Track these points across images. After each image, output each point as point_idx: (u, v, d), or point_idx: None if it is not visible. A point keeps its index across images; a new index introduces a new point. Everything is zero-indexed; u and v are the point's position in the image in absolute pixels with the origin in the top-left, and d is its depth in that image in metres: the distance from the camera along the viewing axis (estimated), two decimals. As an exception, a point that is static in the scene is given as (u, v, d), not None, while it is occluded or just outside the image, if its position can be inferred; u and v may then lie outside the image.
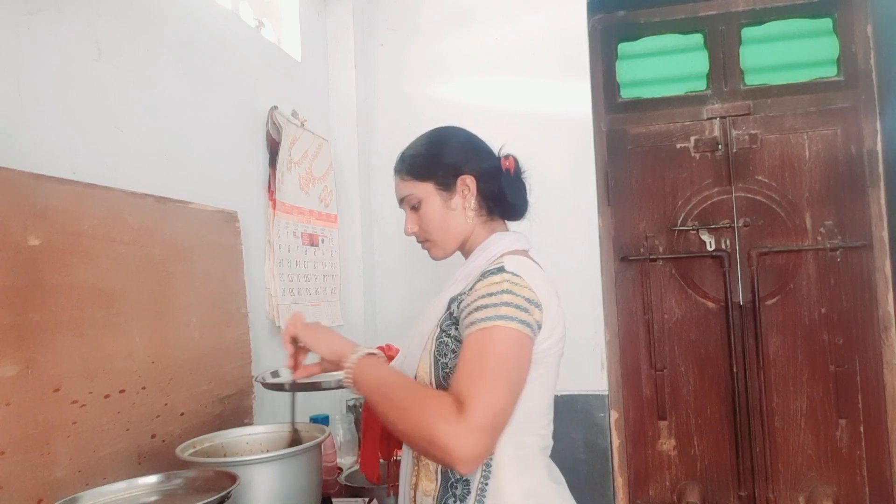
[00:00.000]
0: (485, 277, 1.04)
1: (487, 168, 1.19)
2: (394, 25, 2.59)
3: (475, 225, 1.19)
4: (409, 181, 1.20)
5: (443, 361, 1.06)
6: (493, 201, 1.20)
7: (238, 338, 1.66)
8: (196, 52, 1.64)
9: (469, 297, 1.04)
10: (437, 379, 1.06)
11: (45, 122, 1.18)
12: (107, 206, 1.25)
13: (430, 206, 1.18)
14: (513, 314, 0.98)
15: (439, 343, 1.08)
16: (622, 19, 2.59)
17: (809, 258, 2.39)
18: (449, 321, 1.08)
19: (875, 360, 2.33)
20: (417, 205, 1.19)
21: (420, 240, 1.23)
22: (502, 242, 1.15)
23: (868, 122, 2.37)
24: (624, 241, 2.54)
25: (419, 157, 1.20)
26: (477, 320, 0.98)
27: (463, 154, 1.20)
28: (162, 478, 1.09)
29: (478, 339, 0.97)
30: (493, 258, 1.11)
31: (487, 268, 1.07)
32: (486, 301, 1.00)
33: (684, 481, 2.46)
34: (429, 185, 1.18)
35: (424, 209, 1.18)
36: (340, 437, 2.04)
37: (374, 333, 2.52)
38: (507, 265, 1.05)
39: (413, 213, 1.21)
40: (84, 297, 1.17)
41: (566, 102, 2.40)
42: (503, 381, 0.95)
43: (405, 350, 1.17)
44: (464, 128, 1.26)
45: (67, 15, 1.24)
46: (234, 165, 1.78)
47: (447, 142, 1.22)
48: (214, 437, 1.37)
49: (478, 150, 1.22)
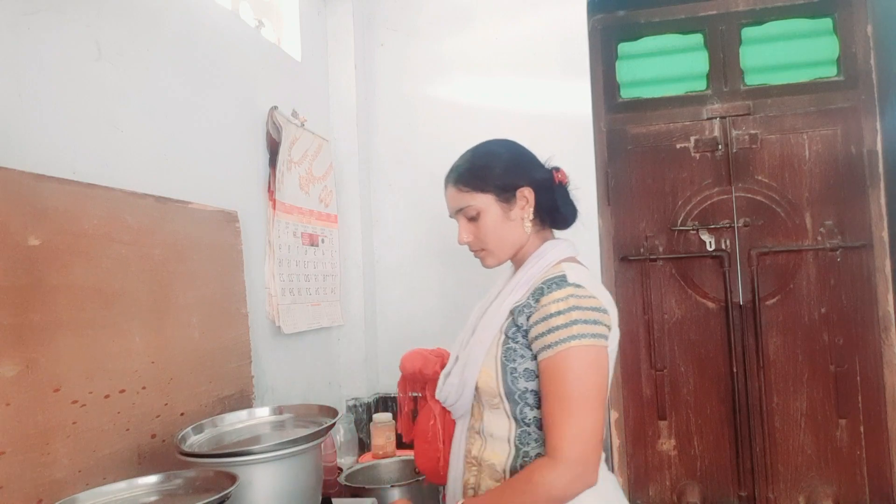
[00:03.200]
0: (550, 291, 1.09)
1: (542, 180, 1.23)
2: (394, 25, 2.59)
3: (530, 234, 1.23)
4: (468, 192, 1.21)
5: (511, 367, 1.12)
6: (546, 211, 1.24)
7: (238, 338, 1.66)
8: (196, 52, 1.64)
9: (537, 313, 1.09)
10: (506, 384, 1.12)
11: (45, 122, 1.18)
12: (107, 206, 1.25)
13: (489, 217, 1.21)
14: (584, 331, 1.04)
15: (506, 349, 1.13)
16: (622, 19, 2.59)
17: (809, 258, 2.39)
18: (514, 328, 1.13)
19: (875, 360, 2.33)
20: (476, 216, 1.22)
21: (474, 249, 1.26)
22: (556, 250, 1.21)
23: (868, 122, 2.37)
24: (624, 241, 2.54)
25: (479, 170, 1.22)
26: (551, 343, 1.05)
27: (521, 166, 1.23)
28: (162, 478, 1.09)
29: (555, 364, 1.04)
30: (549, 265, 1.17)
31: (546, 276, 1.13)
32: (556, 321, 1.05)
33: (684, 481, 2.46)
34: (489, 197, 1.20)
35: (484, 220, 1.21)
36: (341, 437, 2.04)
37: (375, 333, 2.52)
38: (568, 276, 1.11)
39: (469, 224, 1.23)
40: (84, 297, 1.17)
41: (566, 102, 2.40)
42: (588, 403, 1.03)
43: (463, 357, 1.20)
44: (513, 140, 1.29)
45: (67, 15, 1.24)
46: (234, 165, 1.78)
47: (505, 154, 1.25)
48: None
49: (533, 163, 1.26)
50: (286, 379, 1.98)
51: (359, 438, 2.20)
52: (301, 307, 2.05)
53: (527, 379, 1.12)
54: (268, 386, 1.86)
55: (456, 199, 1.24)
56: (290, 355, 2.02)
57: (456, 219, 1.26)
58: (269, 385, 1.87)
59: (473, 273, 2.43)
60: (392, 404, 2.47)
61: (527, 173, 1.23)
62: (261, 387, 1.79)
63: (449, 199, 1.26)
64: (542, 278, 1.13)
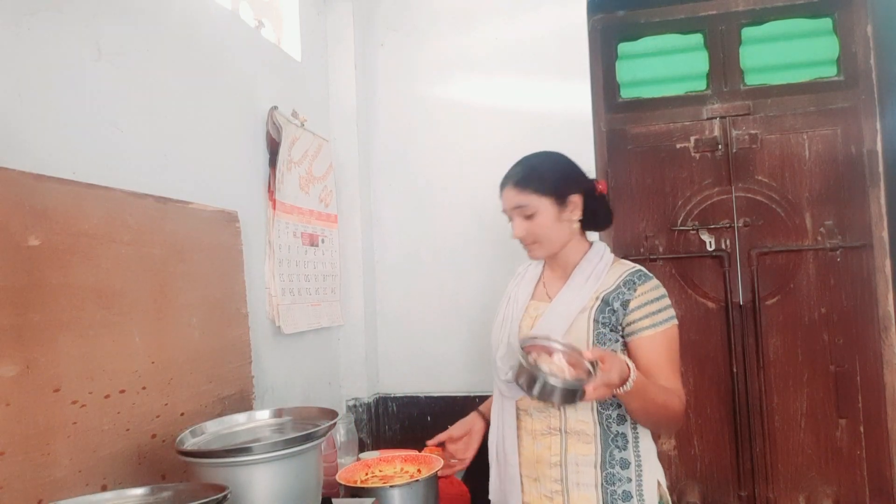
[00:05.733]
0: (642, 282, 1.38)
1: (588, 189, 1.46)
2: (394, 25, 2.59)
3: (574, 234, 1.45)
4: (529, 194, 1.40)
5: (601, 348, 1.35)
6: (589, 215, 1.46)
7: (238, 338, 1.66)
8: (196, 52, 1.64)
9: (637, 299, 1.36)
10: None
11: (45, 122, 1.18)
12: (107, 206, 1.25)
13: (545, 217, 1.40)
14: (673, 314, 1.39)
15: (598, 334, 1.37)
16: (622, 19, 2.59)
17: (809, 258, 2.39)
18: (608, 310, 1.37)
19: (875, 360, 2.33)
20: (532, 215, 1.40)
21: (527, 242, 1.45)
22: (607, 250, 1.47)
23: (868, 122, 2.37)
24: (624, 241, 2.54)
25: (542, 174, 1.42)
26: (659, 322, 1.36)
27: (575, 176, 1.46)
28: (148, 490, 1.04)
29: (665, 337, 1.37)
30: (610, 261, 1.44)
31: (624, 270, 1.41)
32: (657, 306, 1.37)
33: (684, 481, 2.46)
34: (547, 200, 1.40)
35: (539, 219, 1.40)
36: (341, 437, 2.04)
37: (375, 333, 2.52)
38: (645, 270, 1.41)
39: (524, 221, 1.42)
40: (84, 297, 1.17)
41: (566, 102, 2.40)
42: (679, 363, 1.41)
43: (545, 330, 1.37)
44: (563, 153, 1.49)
45: (67, 15, 1.24)
46: (234, 165, 1.78)
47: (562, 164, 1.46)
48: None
49: (582, 174, 1.48)
50: (286, 379, 1.98)
51: (359, 438, 2.20)
52: (301, 307, 2.05)
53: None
54: (268, 386, 1.86)
55: (514, 198, 1.42)
56: (290, 355, 2.02)
57: (510, 215, 1.45)
58: (269, 385, 1.87)
59: (473, 273, 2.44)
60: (392, 404, 2.48)
61: (578, 183, 1.44)
62: (261, 387, 1.79)
63: (508, 198, 1.44)
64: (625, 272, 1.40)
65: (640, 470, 1.38)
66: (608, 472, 1.37)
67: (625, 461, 1.38)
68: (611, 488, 1.37)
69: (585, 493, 1.37)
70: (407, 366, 2.51)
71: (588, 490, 1.37)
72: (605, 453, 1.38)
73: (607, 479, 1.37)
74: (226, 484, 1.02)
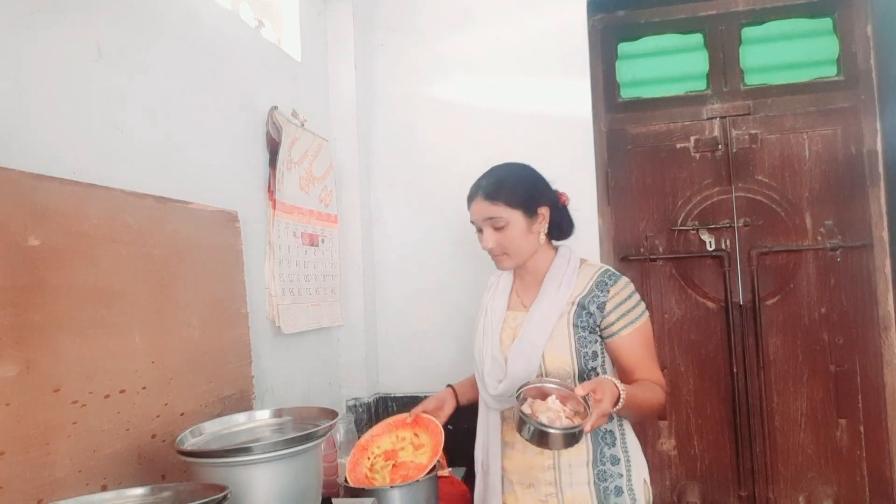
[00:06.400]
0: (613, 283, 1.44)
1: (553, 201, 1.52)
2: (394, 25, 2.59)
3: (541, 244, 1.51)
4: (500, 206, 1.45)
5: (584, 351, 1.44)
6: (554, 226, 1.52)
7: (238, 338, 1.66)
8: (196, 52, 1.64)
9: (612, 300, 1.43)
10: (580, 363, 1.44)
11: (45, 122, 1.18)
12: (107, 206, 1.25)
13: (515, 229, 1.46)
14: (644, 307, 1.46)
15: (579, 338, 1.44)
16: (622, 19, 2.59)
17: (809, 258, 2.39)
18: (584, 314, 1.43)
19: (875, 360, 2.33)
20: (503, 226, 1.45)
21: (496, 253, 1.49)
22: (573, 253, 1.53)
23: (868, 122, 2.37)
24: (624, 241, 2.54)
25: (513, 187, 1.46)
26: (634, 319, 1.43)
27: (543, 189, 1.51)
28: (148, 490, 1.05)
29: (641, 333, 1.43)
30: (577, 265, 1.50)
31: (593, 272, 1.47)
32: (629, 304, 1.44)
33: (684, 481, 2.46)
34: (517, 213, 1.45)
35: (510, 231, 1.45)
36: (341, 437, 2.04)
37: (375, 333, 2.52)
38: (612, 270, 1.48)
39: (494, 232, 1.47)
40: (84, 297, 1.17)
41: (566, 102, 2.40)
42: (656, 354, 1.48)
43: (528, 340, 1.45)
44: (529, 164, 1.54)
45: (67, 15, 1.24)
46: (234, 165, 1.78)
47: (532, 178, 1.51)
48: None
49: (547, 187, 1.53)
50: (286, 379, 1.98)
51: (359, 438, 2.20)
52: (301, 307, 2.05)
53: (593, 359, 1.46)
54: (268, 386, 1.86)
55: (485, 210, 1.46)
56: (290, 355, 2.02)
57: (480, 226, 1.49)
58: (269, 385, 1.87)
59: (473, 273, 2.44)
60: (392, 404, 2.48)
61: (544, 195, 1.50)
62: (261, 387, 1.79)
63: (478, 209, 1.48)
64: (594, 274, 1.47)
65: (629, 465, 1.46)
66: (599, 470, 1.44)
67: (615, 457, 1.46)
68: (603, 484, 1.44)
69: (579, 490, 1.43)
70: (407, 366, 2.51)
71: (581, 488, 1.43)
72: (596, 451, 1.45)
73: (599, 476, 1.44)
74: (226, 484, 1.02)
